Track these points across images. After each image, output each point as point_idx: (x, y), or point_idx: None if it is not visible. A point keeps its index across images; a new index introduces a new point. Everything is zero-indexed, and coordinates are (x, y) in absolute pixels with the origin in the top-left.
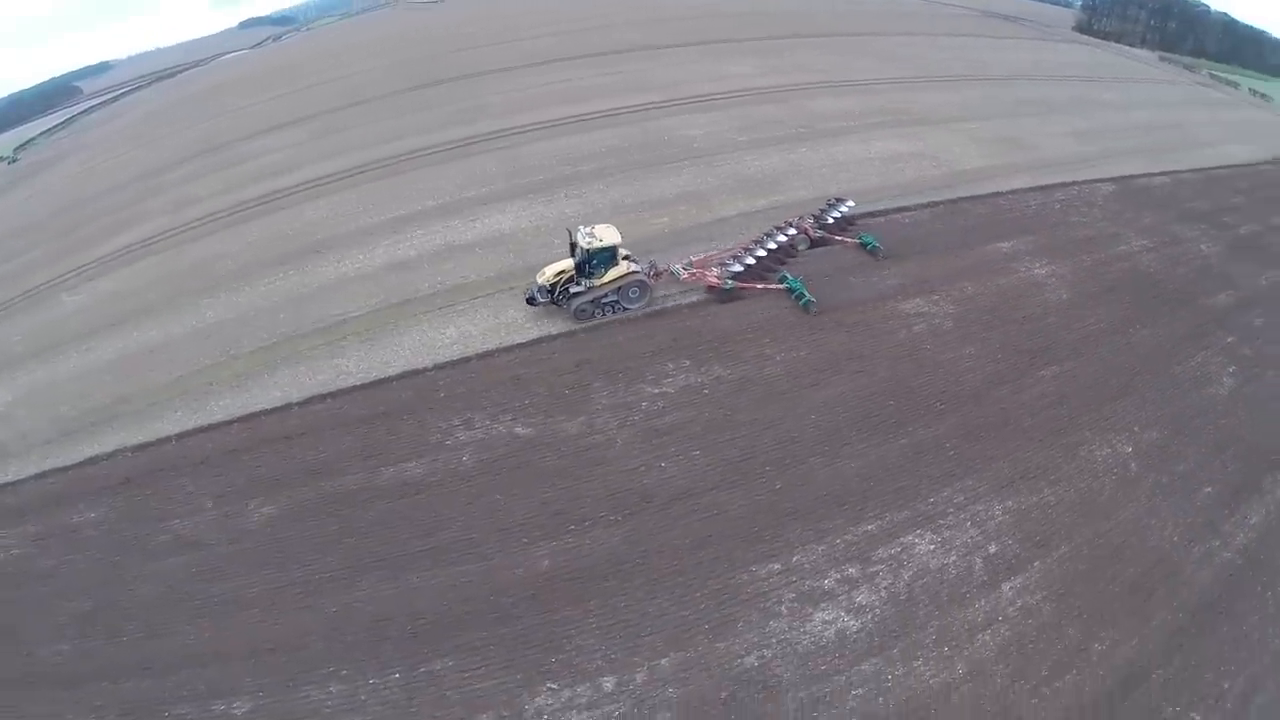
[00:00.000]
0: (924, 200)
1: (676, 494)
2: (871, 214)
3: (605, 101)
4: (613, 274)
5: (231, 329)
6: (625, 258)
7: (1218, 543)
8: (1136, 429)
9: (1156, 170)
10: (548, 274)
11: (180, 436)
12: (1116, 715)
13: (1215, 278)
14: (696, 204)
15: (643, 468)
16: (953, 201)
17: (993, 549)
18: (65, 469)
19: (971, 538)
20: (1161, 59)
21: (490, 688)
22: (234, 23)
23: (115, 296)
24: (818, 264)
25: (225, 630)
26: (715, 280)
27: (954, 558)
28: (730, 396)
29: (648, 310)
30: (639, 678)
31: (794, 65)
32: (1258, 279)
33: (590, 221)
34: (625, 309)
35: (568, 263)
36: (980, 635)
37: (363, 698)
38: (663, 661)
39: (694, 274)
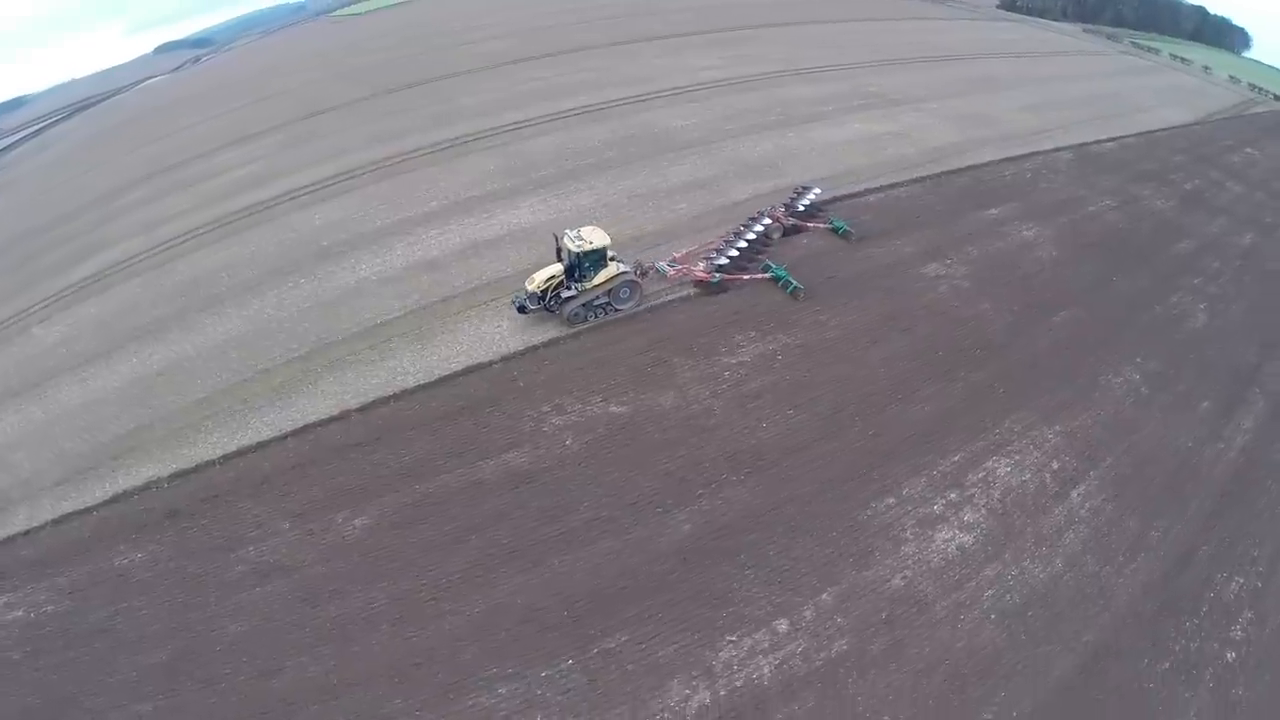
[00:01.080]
0: (912, 176)
1: (786, 449)
2: (867, 191)
3: (582, 98)
4: (603, 276)
5: (252, 342)
6: (612, 258)
7: (1222, 445)
8: (1139, 360)
9: (1105, 137)
10: (537, 280)
11: (225, 459)
12: (1181, 584)
13: (1173, 229)
14: (708, 190)
15: (746, 430)
16: (936, 176)
17: (1055, 465)
18: (89, 510)
19: (1036, 458)
20: (1085, 30)
21: (671, 653)
22: (149, 49)
23: (101, 323)
24: (795, 250)
25: (354, 653)
26: (703, 274)
27: (1028, 475)
28: (802, 360)
29: (639, 308)
30: (807, 614)
31: (752, 56)
32: (1209, 227)
33: (596, 217)
34: (616, 310)
35: (556, 268)
36: (1065, 534)
37: (539, 692)
38: (823, 596)
39: (680, 270)
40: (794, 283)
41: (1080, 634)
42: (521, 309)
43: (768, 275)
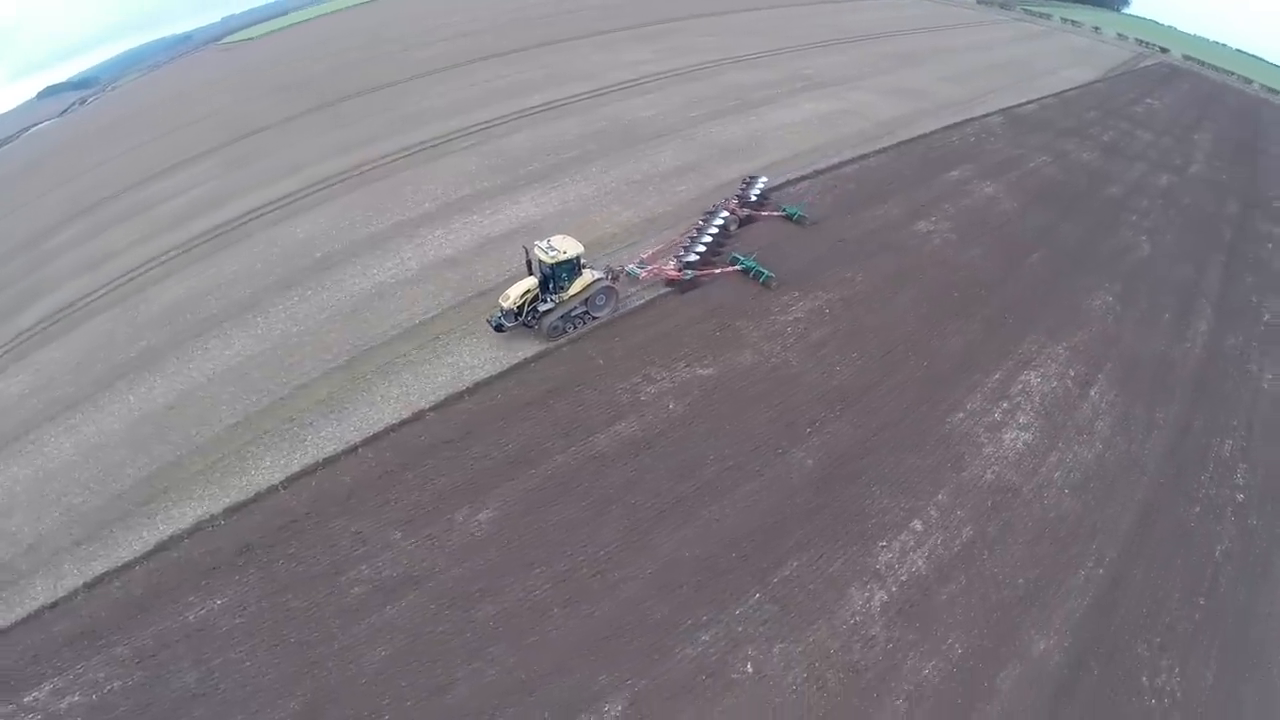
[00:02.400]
0: (875, 148)
1: (862, 387)
2: (842, 163)
3: (539, 96)
4: (578, 285)
5: (275, 359)
6: (585, 266)
7: (1188, 345)
8: (1106, 286)
9: (1023, 100)
10: (512, 297)
11: (289, 482)
12: (1187, 450)
13: (1102, 177)
14: (698, 172)
15: (824, 375)
16: (895, 146)
17: (1071, 372)
18: (129, 565)
19: (1056, 369)
20: (979, 2)
21: (840, 567)
22: (32, 94)
23: (74, 366)
24: (760, 238)
25: (531, 645)
26: (675, 273)
27: (1054, 383)
28: (845, 312)
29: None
30: (933, 513)
31: (683, 48)
32: (1130, 172)
33: (603, 205)
34: (594, 318)
35: (530, 281)
36: (1096, 423)
37: (739, 628)
38: (939, 497)
39: (651, 271)
40: (765, 272)
41: (1131, 495)
42: (499, 327)
43: (738, 267)
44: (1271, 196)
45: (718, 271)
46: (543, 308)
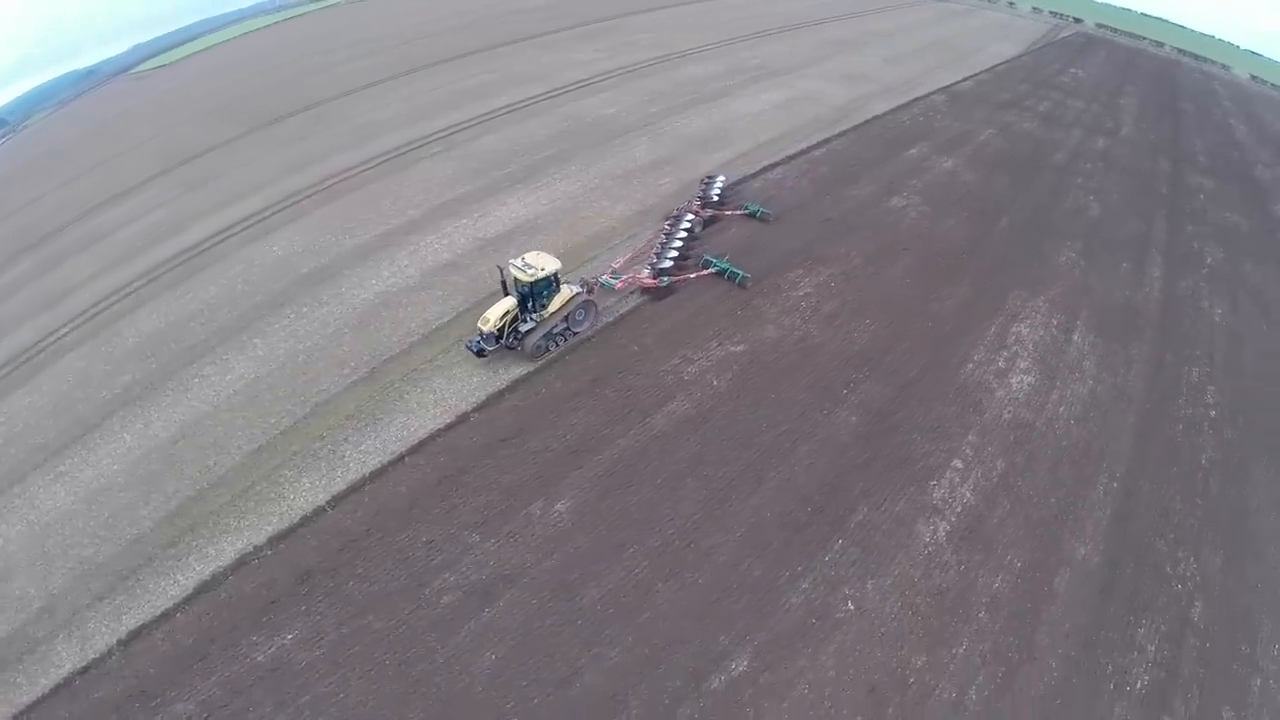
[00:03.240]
0: (835, 131)
1: (880, 350)
2: (809, 148)
3: (499, 98)
4: (558, 302)
5: (284, 380)
6: (563, 281)
7: (1147, 289)
8: (1068, 244)
9: (959, 78)
10: (491, 320)
11: (336, 500)
12: (1164, 381)
13: (1045, 145)
14: (676, 164)
15: (845, 342)
16: (854, 129)
17: (1054, 321)
18: (169, 614)
19: (1040, 319)
20: None
21: (904, 507)
22: None
23: (50, 409)
24: (731, 239)
25: (645, 621)
26: (650, 281)
27: (1041, 331)
28: (848, 284)
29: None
30: (968, 452)
31: (627, 45)
32: (1069, 139)
33: (590, 202)
34: (574, 333)
35: (509, 302)
36: (1084, 363)
37: (832, 572)
38: (969, 438)
39: (627, 280)
40: (740, 273)
41: (1124, 420)
42: (480, 352)
43: (712, 270)
44: (1196, 152)
45: (693, 276)
46: (524, 328)
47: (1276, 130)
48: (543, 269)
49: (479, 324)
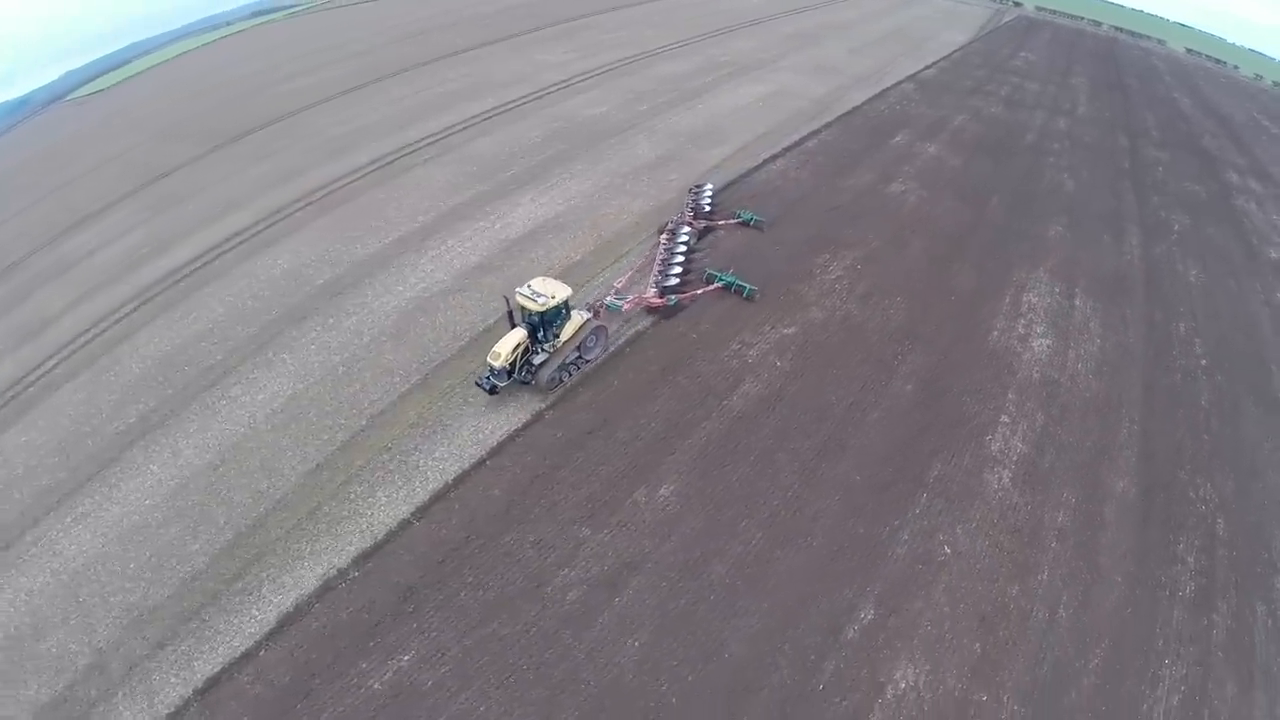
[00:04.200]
0: (822, 122)
1: (915, 323)
2: (801, 140)
3: (477, 103)
4: (569, 330)
5: (327, 395)
6: (573, 308)
7: (1128, 257)
8: (1053, 219)
9: (921, 66)
10: (502, 354)
11: (421, 511)
12: (1158, 337)
13: (1014, 127)
14: (679, 160)
15: (884, 319)
16: (838, 119)
17: (1056, 289)
18: (251, 653)
19: (1045, 287)
20: None
21: (969, 460)
22: None
23: (55, 446)
24: (731, 250)
25: (772, 585)
26: (658, 300)
27: (1049, 298)
28: (873, 265)
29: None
30: (1011, 409)
31: (595, 45)
32: (1034, 120)
33: (606, 199)
34: (586, 361)
35: (519, 334)
36: (1090, 323)
37: (926, 523)
38: (1010, 396)
39: (632, 301)
40: (746, 285)
41: (1131, 372)
42: (492, 390)
43: (718, 285)
44: (1148, 127)
45: (700, 292)
46: (537, 360)
47: (1216, 101)
48: (553, 296)
49: (489, 359)
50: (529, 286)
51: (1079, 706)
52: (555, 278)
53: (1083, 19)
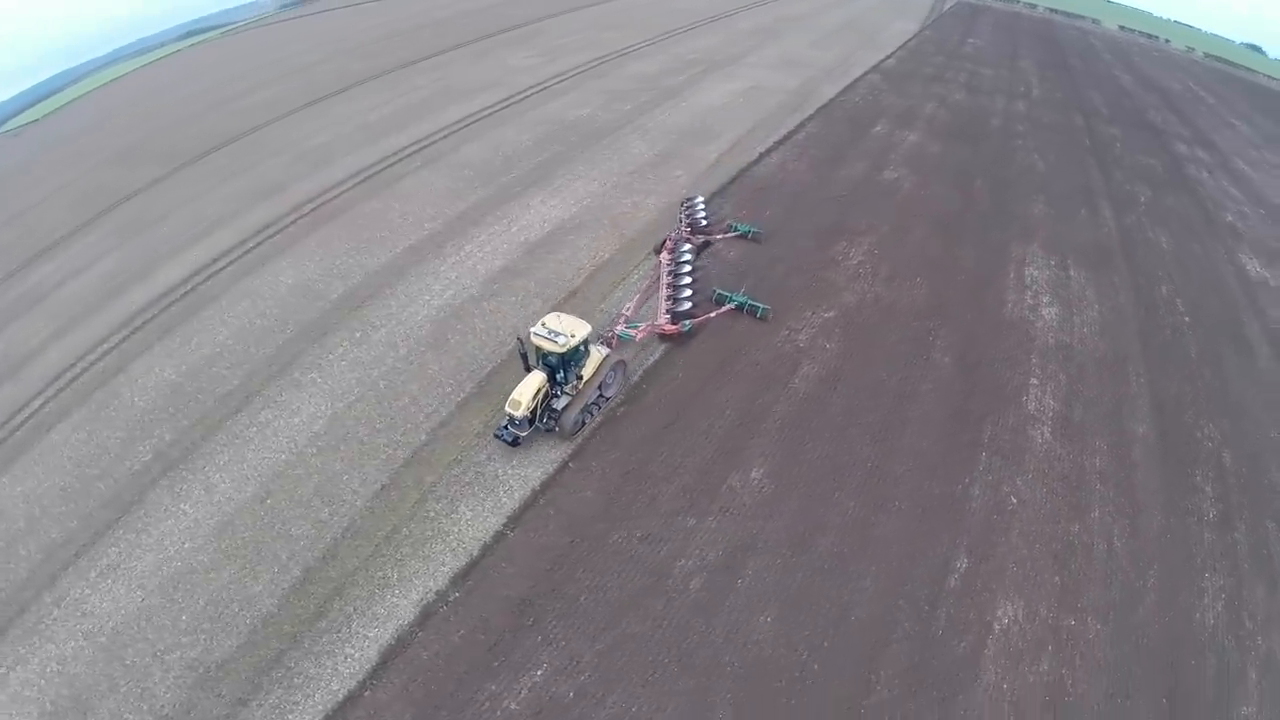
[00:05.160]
0: (805, 115)
1: (939, 302)
2: (789, 135)
3: (455, 109)
4: (590, 367)
5: (370, 413)
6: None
7: (1106, 229)
8: (1034, 197)
9: (882, 56)
10: (523, 403)
11: (514, 521)
12: (1150, 297)
13: (979, 112)
14: (680, 157)
15: (910, 298)
16: (818, 112)
17: (1051, 262)
18: (353, 699)
19: (1041, 263)
20: None
21: (1013, 419)
22: None
23: (58, 492)
24: (736, 264)
25: (873, 548)
26: (672, 327)
27: (1047, 272)
28: (887, 249)
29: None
30: (1037, 372)
31: (559, 48)
32: (995, 104)
33: (618, 198)
34: (605, 399)
35: (538, 378)
36: (1087, 291)
37: (990, 477)
38: (1033, 360)
39: (646, 328)
40: (760, 305)
41: (1129, 330)
42: (514, 442)
43: (731, 306)
44: (1097, 105)
45: (713, 315)
46: (559, 404)
47: (1154, 76)
48: (573, 335)
49: (508, 408)
50: (544, 326)
51: (1148, 620)
52: (588, 275)
53: (1019, 2)
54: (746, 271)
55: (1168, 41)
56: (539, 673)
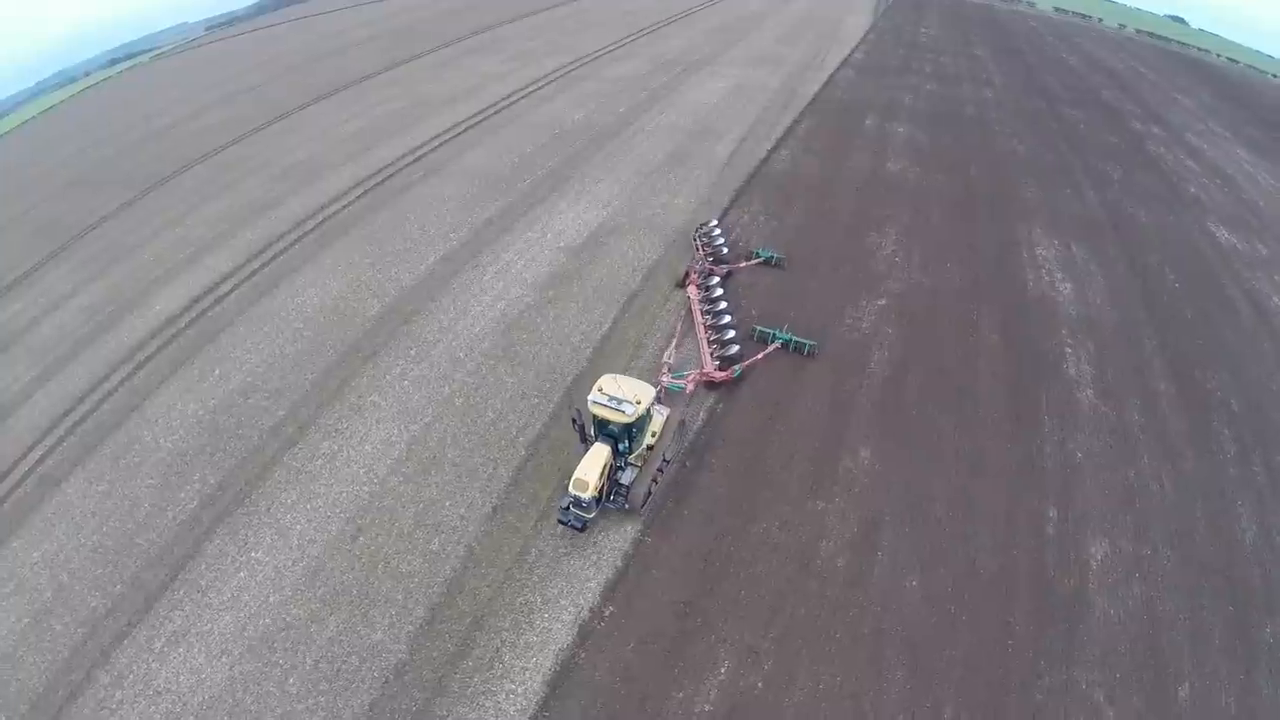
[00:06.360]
0: (796, 112)
1: (970, 282)
2: (789, 128)
3: (439, 119)
4: (651, 431)
5: (455, 434)
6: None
7: (1091, 208)
8: (1024, 180)
9: (848, 51)
10: (590, 483)
11: (647, 526)
12: (1136, 265)
13: (952, 101)
14: (693, 156)
15: (947, 281)
16: (807, 107)
17: (1055, 241)
18: None
19: (1045, 241)
20: None
21: (1058, 388)
22: None
23: (93, 553)
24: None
25: (983, 506)
26: (722, 375)
27: (1052, 251)
28: (918, 236)
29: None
30: (1068, 340)
31: (523, 54)
32: (963, 92)
33: (645, 196)
34: (667, 462)
35: (602, 452)
36: (1089, 265)
37: (1058, 436)
38: (1062, 332)
39: (693, 378)
40: (806, 342)
41: (1134, 299)
42: (582, 527)
43: (776, 345)
44: (1054, 88)
45: (760, 357)
46: (626, 478)
47: (1097, 56)
48: (639, 400)
49: (573, 489)
50: (601, 392)
51: (1203, 544)
52: (644, 276)
53: None
54: (792, 277)
55: (1100, 21)
56: (722, 670)
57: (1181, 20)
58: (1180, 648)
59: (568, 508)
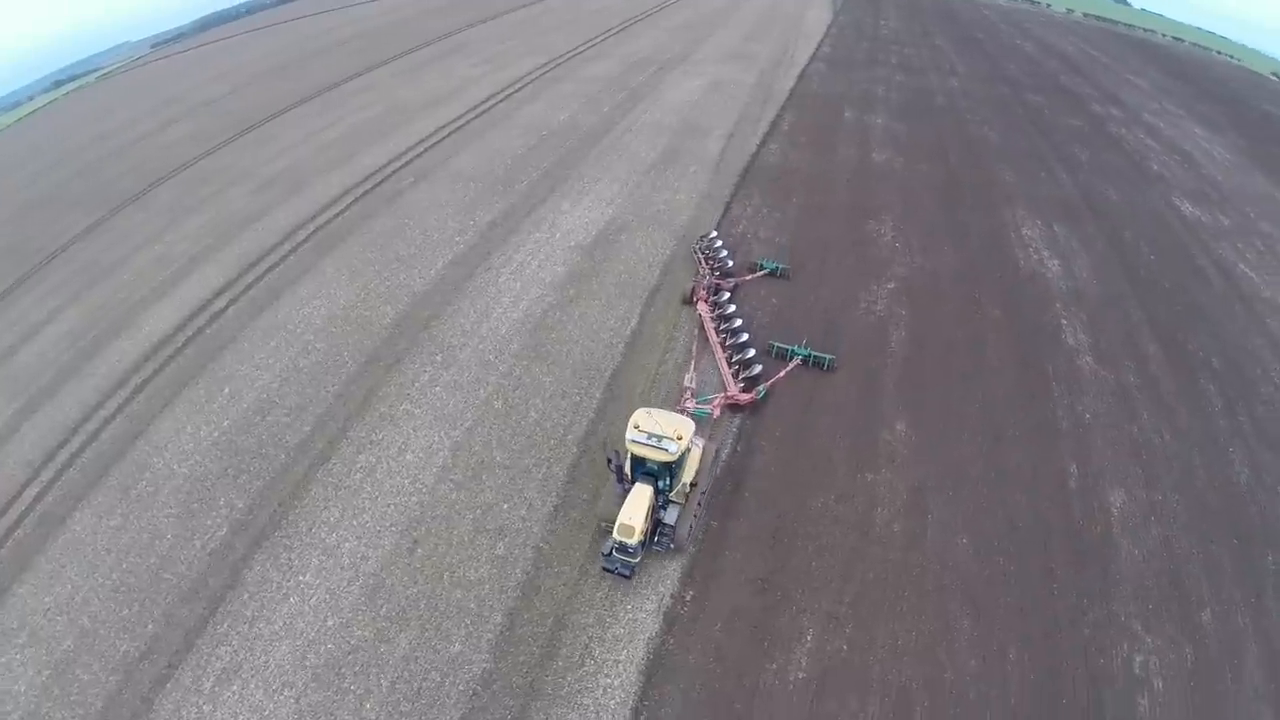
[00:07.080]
0: (778, 107)
1: (968, 263)
2: (773, 126)
3: (421, 123)
4: (691, 466)
5: (497, 437)
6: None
7: (1068, 189)
8: (1001, 166)
9: (815, 45)
10: (636, 526)
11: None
12: (1118, 243)
13: (922, 92)
14: (688, 152)
15: (947, 264)
16: (786, 101)
17: (1039, 222)
18: None
19: (1030, 221)
20: None
21: (1061, 359)
22: None
23: (113, 593)
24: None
25: (1020, 472)
26: (746, 397)
27: (1037, 231)
28: (916, 223)
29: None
30: (1063, 312)
31: (496, 56)
32: (931, 82)
33: (646, 195)
34: (703, 493)
35: (645, 493)
36: (1071, 243)
37: (1065, 401)
38: (1057, 305)
39: (720, 400)
40: (825, 356)
41: (1117, 272)
42: (630, 574)
43: (796, 361)
44: (1015, 75)
45: (782, 374)
46: (669, 517)
47: (1050, 41)
48: (679, 436)
49: (618, 535)
50: (639, 430)
51: (1205, 489)
52: (661, 270)
53: None
54: (801, 271)
55: (1049, 5)
56: (808, 638)
57: (1125, 2)
58: (1198, 579)
59: (610, 553)
